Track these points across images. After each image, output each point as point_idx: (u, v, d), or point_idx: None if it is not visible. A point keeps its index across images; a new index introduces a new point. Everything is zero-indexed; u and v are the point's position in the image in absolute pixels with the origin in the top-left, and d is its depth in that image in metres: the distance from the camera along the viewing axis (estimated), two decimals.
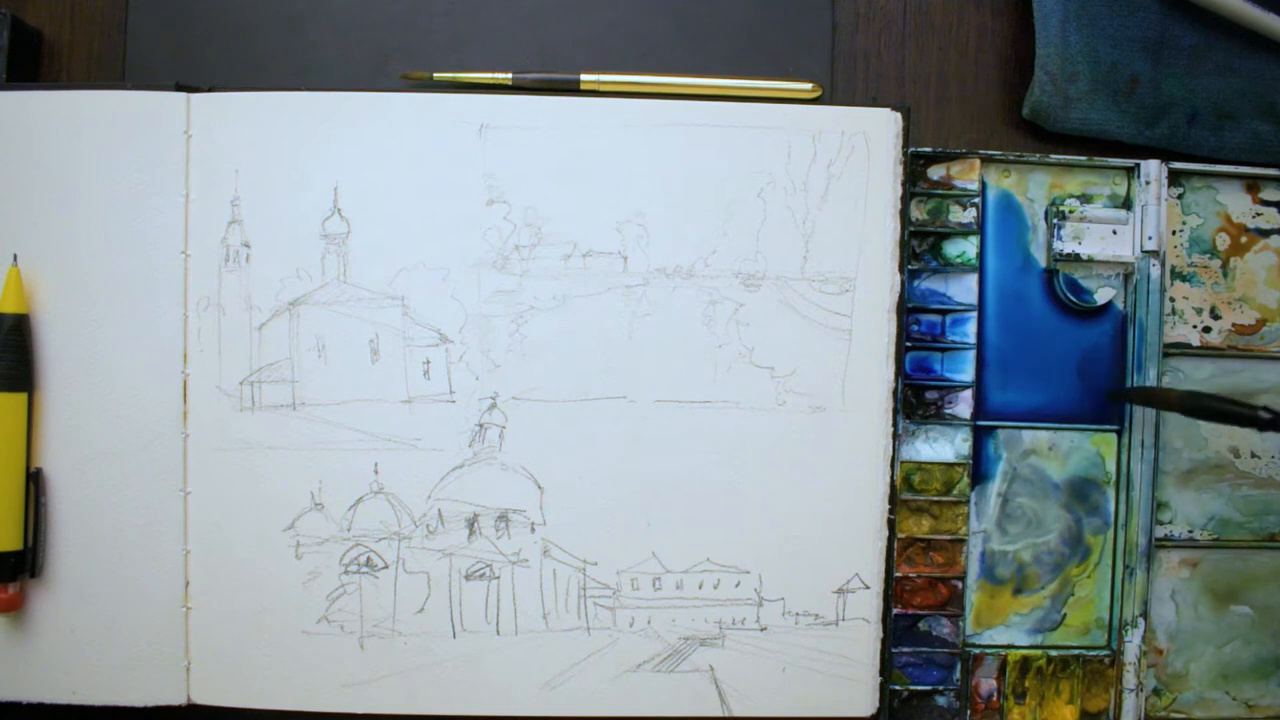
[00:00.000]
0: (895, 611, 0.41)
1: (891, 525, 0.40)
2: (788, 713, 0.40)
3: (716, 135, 0.40)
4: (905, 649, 0.41)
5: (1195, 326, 0.42)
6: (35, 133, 0.38)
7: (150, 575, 0.39)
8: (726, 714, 0.40)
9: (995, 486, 0.42)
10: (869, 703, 0.40)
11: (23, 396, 0.38)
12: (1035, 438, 0.42)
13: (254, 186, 0.39)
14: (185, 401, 0.39)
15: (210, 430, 0.39)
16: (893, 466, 0.40)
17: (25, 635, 0.39)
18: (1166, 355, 0.42)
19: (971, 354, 0.41)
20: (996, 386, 0.42)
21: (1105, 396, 0.40)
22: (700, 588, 0.40)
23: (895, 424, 0.40)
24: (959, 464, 0.41)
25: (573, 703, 0.40)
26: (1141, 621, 0.42)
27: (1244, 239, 0.43)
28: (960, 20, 0.44)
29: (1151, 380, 0.42)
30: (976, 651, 0.42)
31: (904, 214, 0.40)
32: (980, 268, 0.41)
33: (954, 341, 0.41)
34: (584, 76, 0.41)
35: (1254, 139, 0.43)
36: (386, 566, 0.39)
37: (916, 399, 0.41)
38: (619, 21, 0.42)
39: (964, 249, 0.41)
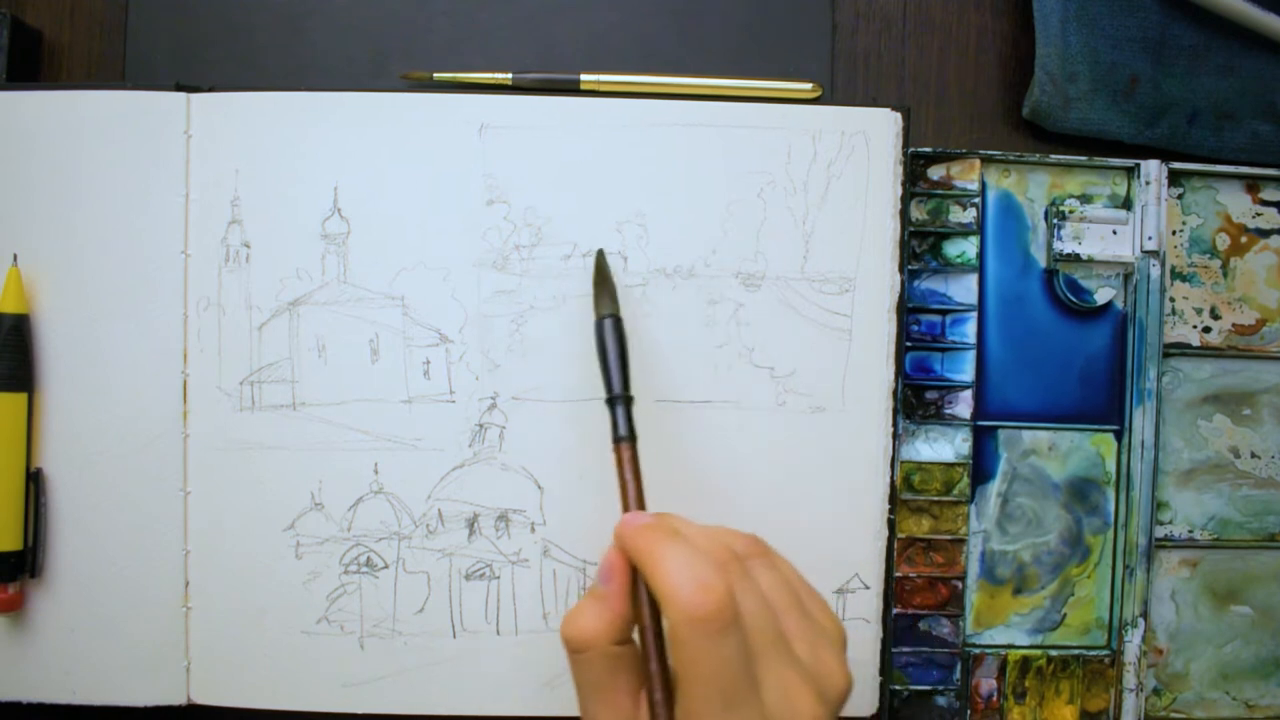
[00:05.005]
0: (895, 611, 0.41)
1: (891, 525, 0.40)
2: None
3: (716, 135, 0.40)
4: (905, 649, 0.41)
5: (1195, 326, 0.42)
6: (35, 133, 0.38)
7: (150, 575, 0.39)
8: None
9: (995, 486, 0.42)
10: (869, 703, 0.40)
11: (23, 396, 0.38)
12: (1035, 438, 0.42)
13: (254, 186, 0.39)
14: (185, 401, 0.39)
15: (210, 430, 0.39)
16: (893, 466, 0.40)
17: (25, 635, 0.39)
18: (1166, 355, 0.42)
19: (971, 354, 0.41)
20: (996, 386, 0.42)
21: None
22: None
23: (895, 424, 0.40)
24: (959, 464, 0.41)
25: (573, 702, 0.40)
26: (1141, 621, 0.42)
27: (1244, 239, 0.43)
28: (960, 20, 0.44)
29: (1151, 381, 0.42)
30: (976, 651, 0.42)
31: (904, 214, 0.40)
32: (980, 268, 0.41)
33: (954, 341, 0.41)
34: (584, 76, 0.41)
35: (1254, 139, 0.43)
36: (386, 566, 0.39)
37: (916, 399, 0.41)
38: (619, 21, 0.42)
39: (964, 249, 0.41)
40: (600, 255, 0.38)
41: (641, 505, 0.32)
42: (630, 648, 0.30)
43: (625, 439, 0.33)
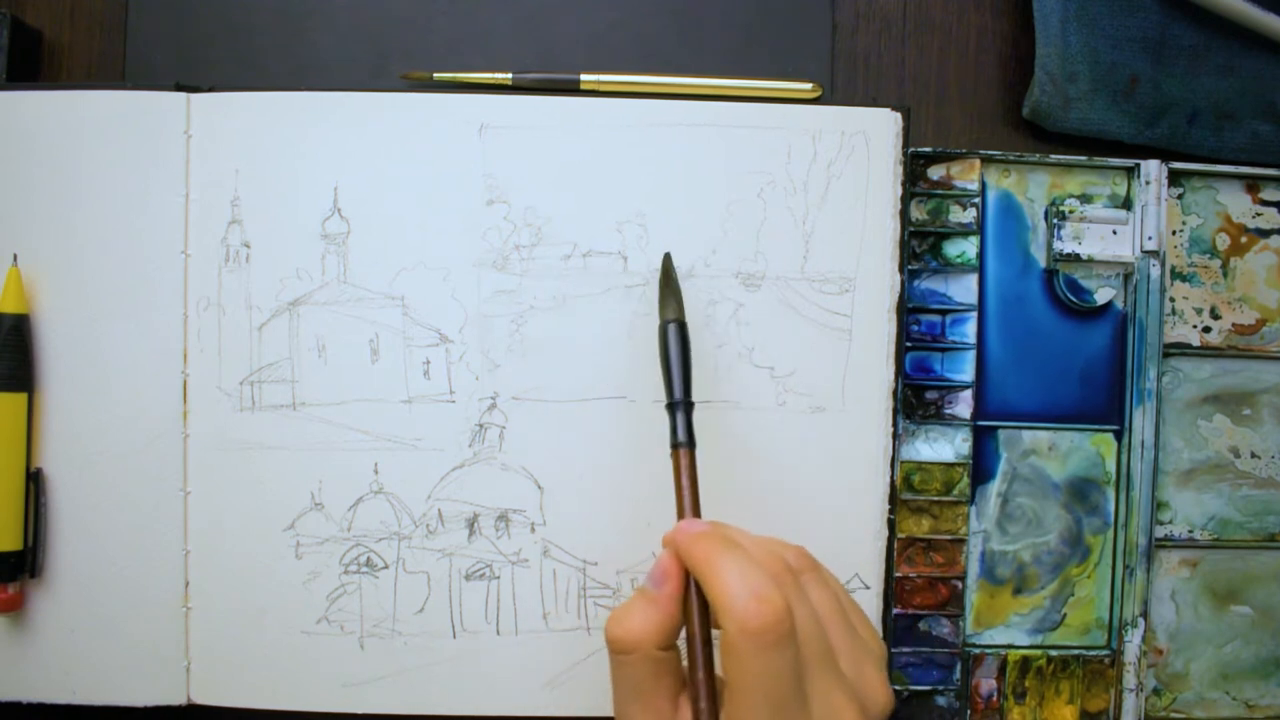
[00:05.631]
0: (895, 611, 0.41)
1: (891, 525, 0.40)
2: None
3: (716, 135, 0.40)
4: (905, 649, 0.41)
5: (1195, 326, 0.42)
6: (35, 133, 0.38)
7: (150, 575, 0.39)
8: None
9: (995, 486, 0.42)
10: None
11: (23, 396, 0.38)
12: (1035, 438, 0.42)
13: (254, 186, 0.39)
14: (185, 401, 0.39)
15: (210, 430, 0.39)
16: (893, 466, 0.40)
17: (25, 635, 0.39)
18: (1166, 355, 0.42)
19: (971, 354, 0.41)
20: (996, 386, 0.42)
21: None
22: None
23: (895, 424, 0.40)
24: (959, 464, 0.41)
25: (573, 702, 0.40)
26: (1141, 621, 0.42)
27: (1244, 239, 0.43)
28: (960, 20, 0.44)
29: (1151, 381, 0.42)
30: (976, 651, 0.42)
31: (904, 214, 0.40)
32: (980, 268, 0.41)
33: (954, 341, 0.41)
34: (584, 76, 0.41)
35: (1254, 139, 0.43)
36: (386, 566, 0.39)
37: (916, 399, 0.41)
38: (619, 21, 0.42)
39: (964, 249, 0.41)
40: (667, 259, 0.38)
41: (697, 512, 0.32)
42: (674, 653, 0.30)
43: (684, 444, 0.33)
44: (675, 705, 0.29)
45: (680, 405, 0.34)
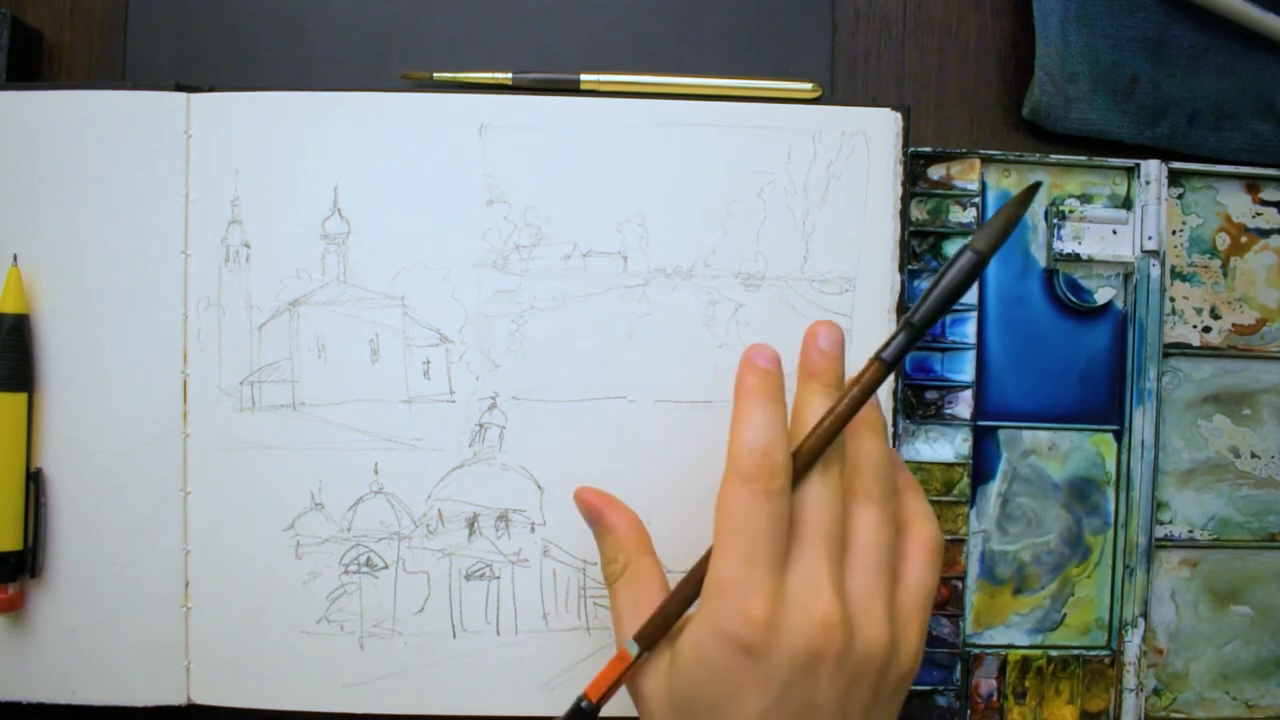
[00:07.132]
0: None
1: None
2: None
3: (716, 135, 0.40)
4: None
5: (1195, 326, 0.42)
6: (35, 133, 0.38)
7: (150, 575, 0.39)
8: None
9: (995, 486, 0.42)
10: None
11: (23, 396, 0.38)
12: (1035, 438, 0.42)
13: (254, 186, 0.39)
14: (185, 401, 0.39)
15: (210, 430, 0.39)
16: None
17: (25, 635, 0.39)
18: (1166, 355, 0.42)
19: (971, 354, 0.41)
20: (996, 386, 0.42)
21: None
22: None
23: (895, 424, 0.40)
24: (959, 464, 0.41)
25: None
26: (1141, 621, 0.42)
27: (1244, 239, 0.43)
28: (960, 20, 0.44)
29: (1151, 381, 0.42)
30: (976, 651, 0.42)
31: (904, 214, 0.40)
32: None
33: (954, 341, 0.41)
34: (584, 76, 0.41)
35: (1254, 139, 0.43)
36: (386, 566, 0.39)
37: (916, 399, 0.41)
38: (619, 21, 0.42)
39: None
40: (1029, 189, 0.31)
41: (844, 420, 0.31)
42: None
43: (886, 361, 0.31)
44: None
45: (912, 328, 0.31)
